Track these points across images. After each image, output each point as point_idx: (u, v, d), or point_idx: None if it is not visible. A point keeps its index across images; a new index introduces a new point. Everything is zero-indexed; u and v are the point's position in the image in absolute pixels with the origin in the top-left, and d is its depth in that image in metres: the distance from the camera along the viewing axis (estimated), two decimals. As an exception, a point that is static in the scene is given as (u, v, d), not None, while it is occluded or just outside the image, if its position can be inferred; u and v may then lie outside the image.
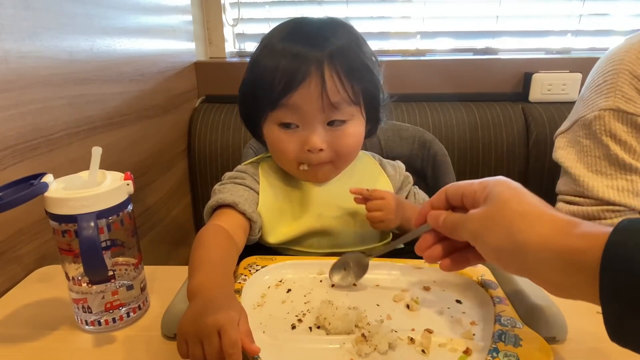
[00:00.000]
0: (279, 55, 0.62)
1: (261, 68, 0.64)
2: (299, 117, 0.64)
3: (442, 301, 0.54)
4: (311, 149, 0.64)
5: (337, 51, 0.62)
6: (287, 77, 0.61)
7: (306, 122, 0.64)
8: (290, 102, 0.62)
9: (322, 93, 0.61)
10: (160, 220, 1.11)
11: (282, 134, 0.65)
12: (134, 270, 0.54)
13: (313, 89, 0.61)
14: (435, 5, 1.45)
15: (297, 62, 0.61)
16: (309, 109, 0.62)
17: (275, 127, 0.66)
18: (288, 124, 0.65)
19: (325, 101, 0.62)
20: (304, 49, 0.61)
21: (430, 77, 1.34)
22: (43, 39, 0.70)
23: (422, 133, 0.96)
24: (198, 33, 1.42)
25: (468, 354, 0.45)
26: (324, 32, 0.65)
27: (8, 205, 0.45)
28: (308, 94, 0.61)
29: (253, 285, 0.56)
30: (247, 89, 0.69)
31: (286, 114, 0.64)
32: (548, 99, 1.30)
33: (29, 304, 0.59)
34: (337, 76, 0.62)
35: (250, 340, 0.41)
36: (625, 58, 0.86)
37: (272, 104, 0.63)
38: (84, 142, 0.80)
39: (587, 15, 1.44)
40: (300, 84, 0.61)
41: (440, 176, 0.90)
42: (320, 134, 0.64)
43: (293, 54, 0.62)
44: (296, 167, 0.68)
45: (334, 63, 0.62)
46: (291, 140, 0.65)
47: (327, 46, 0.62)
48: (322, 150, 0.65)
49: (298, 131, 0.65)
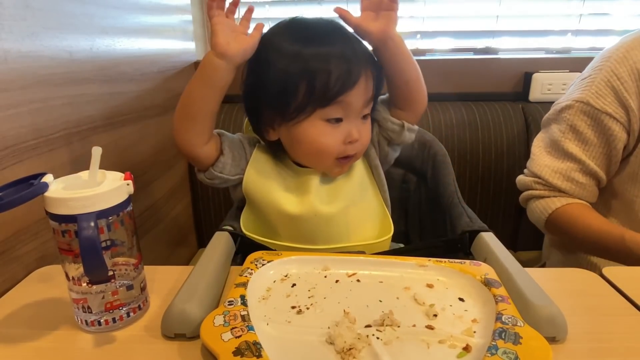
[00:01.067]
0: (324, 57, 0.66)
1: (305, 70, 0.66)
2: (346, 112, 0.69)
3: (444, 298, 0.55)
4: (352, 140, 0.70)
5: (365, 48, 0.70)
6: (345, 77, 0.66)
7: (350, 117, 0.70)
8: (346, 100, 0.67)
9: (369, 90, 0.69)
10: (160, 220, 1.11)
11: (328, 128, 0.69)
12: (134, 270, 0.54)
13: (363, 87, 0.68)
14: (435, 5, 1.45)
15: (349, 64, 0.66)
16: (356, 105, 0.69)
17: (321, 123, 0.69)
18: (337, 119, 0.69)
19: (369, 96, 0.70)
20: (347, 48, 0.67)
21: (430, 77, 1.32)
22: (43, 39, 0.70)
23: (422, 133, 0.96)
24: (198, 33, 1.42)
25: (467, 351, 0.45)
26: (340, 30, 0.70)
27: (8, 205, 0.45)
28: (359, 92, 0.68)
29: (259, 279, 0.58)
30: (284, 84, 0.67)
31: (336, 110, 0.68)
32: (548, 98, 1.30)
33: (29, 304, 0.59)
34: (371, 75, 0.69)
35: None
36: (613, 56, 0.90)
37: (326, 101, 0.67)
38: (84, 142, 0.80)
39: (587, 15, 1.44)
40: (356, 82, 0.67)
41: (440, 176, 0.90)
42: (357, 126, 0.71)
43: (338, 54, 0.66)
44: (333, 159, 0.72)
45: (368, 63, 0.69)
46: (335, 134, 0.70)
47: (357, 44, 0.69)
48: (357, 141, 0.71)
49: (341, 125, 0.70)
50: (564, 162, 0.94)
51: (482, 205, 1.32)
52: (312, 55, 0.66)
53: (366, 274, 0.61)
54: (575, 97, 0.93)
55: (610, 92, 0.89)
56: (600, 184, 0.95)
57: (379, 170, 0.79)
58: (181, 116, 0.70)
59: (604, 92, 0.89)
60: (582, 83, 0.94)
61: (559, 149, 0.95)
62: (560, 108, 0.96)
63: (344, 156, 0.72)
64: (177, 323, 0.50)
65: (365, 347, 0.46)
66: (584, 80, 0.95)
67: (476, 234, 0.69)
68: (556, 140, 0.96)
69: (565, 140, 0.94)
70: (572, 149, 0.93)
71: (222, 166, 0.73)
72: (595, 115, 0.90)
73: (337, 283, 0.59)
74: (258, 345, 0.43)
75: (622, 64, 0.88)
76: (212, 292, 0.55)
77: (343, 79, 0.66)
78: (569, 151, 0.93)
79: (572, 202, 0.94)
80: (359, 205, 0.76)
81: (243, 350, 0.43)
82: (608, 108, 0.89)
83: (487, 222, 0.72)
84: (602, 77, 0.90)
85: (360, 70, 0.67)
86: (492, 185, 1.30)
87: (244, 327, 0.46)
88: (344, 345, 0.45)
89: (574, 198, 0.95)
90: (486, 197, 1.30)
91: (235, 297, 0.51)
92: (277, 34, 0.71)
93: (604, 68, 0.91)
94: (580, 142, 0.93)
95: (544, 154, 0.98)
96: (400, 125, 0.76)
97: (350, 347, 0.45)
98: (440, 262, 0.60)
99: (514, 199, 1.31)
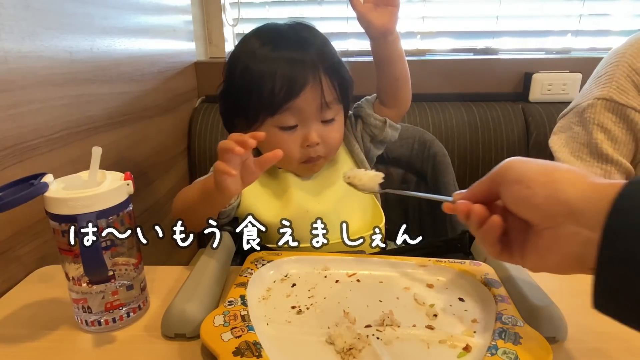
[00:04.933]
0: (272, 61, 0.67)
1: (255, 75, 0.67)
2: (299, 118, 0.69)
3: (445, 299, 0.55)
4: (310, 144, 0.70)
5: (322, 53, 0.69)
6: (289, 83, 0.65)
7: (305, 122, 0.69)
8: (293, 106, 0.67)
9: (320, 95, 0.67)
10: (160, 220, 1.11)
11: (283, 135, 0.70)
12: (134, 270, 0.54)
13: (313, 92, 0.67)
14: (435, 5, 1.45)
15: (295, 68, 0.66)
16: (309, 110, 0.68)
17: (275, 130, 0.69)
18: (291, 127, 0.69)
19: (322, 102, 0.68)
20: (297, 54, 0.67)
21: (430, 77, 1.34)
22: (43, 39, 0.70)
23: (422, 133, 0.96)
24: (198, 33, 1.42)
25: (468, 351, 0.45)
26: (304, 35, 0.70)
27: (8, 205, 0.45)
28: (308, 98, 0.67)
29: (259, 279, 0.58)
30: (238, 94, 0.71)
31: (288, 118, 0.68)
32: (548, 99, 1.30)
33: (29, 304, 0.59)
34: (328, 79, 0.68)
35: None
36: (627, 51, 0.89)
37: (273, 109, 0.67)
38: (84, 142, 0.80)
39: (587, 15, 1.44)
40: (302, 89, 0.66)
41: (440, 176, 0.90)
42: (317, 130, 0.70)
43: (287, 59, 0.66)
44: (296, 164, 0.73)
45: (324, 67, 0.68)
46: (292, 140, 0.70)
47: (314, 49, 0.68)
48: (318, 144, 0.70)
49: (297, 130, 0.70)
50: (600, 165, 0.89)
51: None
52: (273, 59, 0.67)
53: (366, 274, 0.61)
54: (597, 95, 0.89)
55: (631, 86, 0.87)
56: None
57: (365, 165, 0.80)
58: (180, 217, 0.68)
59: (626, 87, 0.87)
60: (600, 81, 0.91)
61: (591, 151, 0.90)
62: (581, 109, 0.92)
63: (307, 159, 0.72)
64: (177, 323, 0.50)
65: (365, 347, 0.46)
66: (600, 78, 0.92)
67: (476, 234, 0.69)
68: (585, 143, 0.91)
69: (595, 141, 0.89)
70: (606, 149, 0.88)
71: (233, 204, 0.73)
72: (621, 111, 0.87)
73: (337, 283, 0.59)
74: (258, 345, 0.43)
75: (639, 58, 0.87)
76: (212, 292, 0.55)
77: (288, 85, 0.65)
78: (603, 153, 0.88)
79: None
80: (349, 199, 0.76)
81: (243, 350, 0.43)
82: (633, 102, 0.86)
83: (487, 222, 0.72)
84: (621, 72, 0.88)
85: (307, 76, 0.66)
86: (492, 186, 1.29)
87: (244, 327, 0.46)
88: (344, 345, 0.45)
89: None
90: (486, 197, 1.30)
91: (235, 297, 0.51)
92: (245, 40, 0.73)
93: (620, 64, 0.89)
94: (611, 141, 0.88)
95: (573, 159, 0.92)
96: (382, 122, 0.78)
97: (350, 347, 0.45)
98: (440, 262, 0.60)
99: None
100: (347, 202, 0.76)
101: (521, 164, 0.41)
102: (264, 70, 0.66)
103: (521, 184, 0.39)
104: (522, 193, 0.39)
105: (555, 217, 0.37)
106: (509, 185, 0.40)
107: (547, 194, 0.37)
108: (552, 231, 0.38)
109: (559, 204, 0.37)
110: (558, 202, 0.37)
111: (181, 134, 1.29)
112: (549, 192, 0.37)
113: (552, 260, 0.39)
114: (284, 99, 0.66)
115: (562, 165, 0.39)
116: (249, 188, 0.74)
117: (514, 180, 0.40)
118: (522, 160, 0.41)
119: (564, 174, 0.38)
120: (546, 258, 0.39)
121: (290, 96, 0.66)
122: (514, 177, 0.40)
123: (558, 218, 0.37)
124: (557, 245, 0.38)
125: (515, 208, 0.41)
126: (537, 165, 0.39)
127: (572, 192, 0.36)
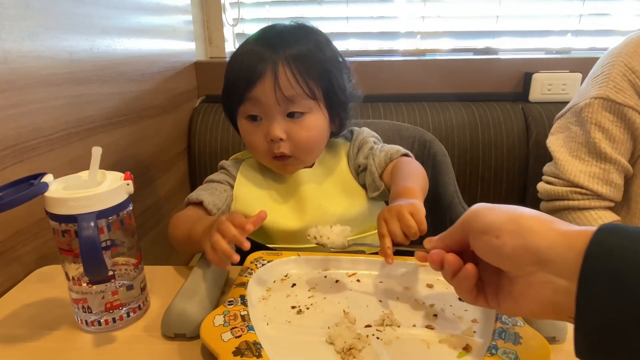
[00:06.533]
0: (243, 55, 0.71)
1: (230, 67, 0.73)
2: (261, 110, 0.70)
3: (444, 299, 0.55)
4: (273, 138, 0.70)
5: (293, 53, 0.69)
6: (248, 73, 0.69)
7: (267, 114, 0.71)
8: (251, 96, 0.69)
9: (274, 87, 0.68)
10: (160, 220, 1.11)
11: (249, 126, 0.72)
12: (134, 270, 0.54)
13: (268, 83, 0.68)
14: (435, 5, 1.45)
15: (255, 61, 0.69)
16: (266, 101, 0.69)
17: (244, 121, 0.73)
18: (254, 117, 0.71)
19: (279, 94, 0.68)
20: (263, 50, 0.70)
21: (430, 77, 1.34)
22: (43, 39, 0.70)
23: (422, 133, 0.96)
24: (198, 33, 1.42)
25: (468, 351, 0.45)
26: (285, 36, 0.72)
27: (8, 205, 0.45)
28: (264, 88, 0.68)
29: (259, 279, 0.58)
30: (224, 88, 0.75)
31: (250, 107, 0.71)
32: (548, 98, 1.30)
33: (29, 304, 0.59)
34: (290, 73, 0.69)
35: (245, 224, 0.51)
36: (623, 51, 0.89)
37: (239, 98, 0.71)
38: (84, 142, 0.80)
39: (587, 15, 1.44)
40: (258, 79, 0.68)
41: (440, 176, 0.90)
42: (280, 124, 0.70)
43: (254, 53, 0.70)
44: (267, 159, 0.74)
45: (288, 62, 0.69)
46: (257, 132, 0.72)
47: (285, 48, 0.69)
48: (282, 140, 0.70)
49: (262, 123, 0.72)
50: (599, 164, 0.90)
51: (482, 205, 1.32)
52: (245, 53, 0.71)
53: (366, 274, 0.61)
54: (594, 94, 0.90)
55: (628, 85, 0.87)
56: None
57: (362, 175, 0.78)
58: (178, 247, 0.70)
59: (622, 86, 0.88)
60: (596, 81, 0.92)
61: (589, 151, 0.91)
62: (579, 109, 0.92)
63: (276, 155, 0.72)
64: (177, 323, 0.50)
65: (365, 347, 0.46)
66: (596, 78, 0.92)
67: (476, 234, 0.69)
68: (584, 142, 0.91)
69: (594, 140, 0.90)
70: (604, 148, 0.89)
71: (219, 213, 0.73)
72: (618, 110, 0.88)
73: (337, 283, 0.59)
74: (258, 345, 0.43)
75: (634, 57, 0.87)
76: (212, 292, 0.55)
77: (247, 75, 0.69)
78: (601, 152, 0.89)
79: (614, 219, 0.91)
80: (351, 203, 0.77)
81: (243, 350, 0.43)
82: (629, 101, 0.87)
83: (487, 222, 0.72)
84: (617, 71, 0.88)
85: (266, 66, 0.68)
86: (492, 185, 1.30)
87: (244, 327, 0.46)
88: (344, 345, 0.45)
89: (611, 202, 0.92)
90: (486, 197, 1.30)
91: (235, 297, 0.51)
92: (249, 37, 0.75)
93: (616, 63, 0.89)
94: (609, 140, 0.89)
95: (572, 158, 0.93)
96: (378, 189, 0.74)
97: (350, 347, 0.45)
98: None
99: (514, 198, 1.31)
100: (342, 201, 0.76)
101: (487, 211, 0.40)
102: (236, 62, 0.72)
103: (489, 234, 0.38)
104: (490, 243, 0.38)
105: (526, 265, 0.37)
106: (478, 235, 0.40)
107: (515, 244, 0.37)
108: (524, 279, 0.38)
109: (529, 253, 0.36)
110: (527, 252, 0.36)
111: (181, 133, 1.29)
112: (518, 241, 0.37)
113: (527, 306, 0.38)
114: (244, 88, 0.69)
115: (528, 211, 0.38)
116: (242, 195, 0.76)
117: (482, 230, 0.39)
118: (488, 207, 0.40)
119: (531, 221, 0.37)
120: (521, 303, 0.38)
121: (248, 86, 0.69)
122: (481, 227, 0.39)
123: (529, 267, 0.37)
124: (531, 292, 0.37)
125: (485, 257, 0.40)
126: (503, 212, 0.39)
127: (541, 241, 0.36)
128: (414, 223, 0.52)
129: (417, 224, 0.53)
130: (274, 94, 0.68)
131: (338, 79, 0.74)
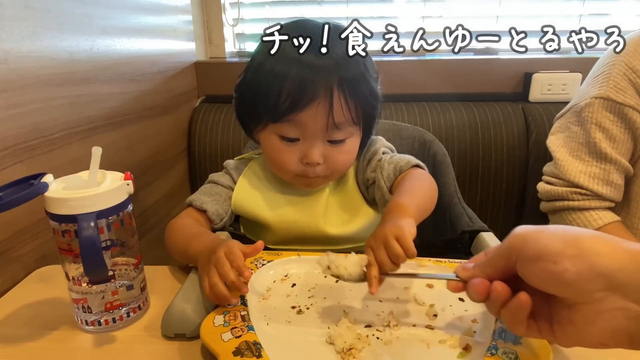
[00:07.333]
0: (288, 63, 0.61)
1: (266, 73, 0.63)
2: (302, 132, 0.64)
3: (444, 299, 0.55)
4: (310, 162, 0.65)
5: (349, 77, 0.62)
6: (296, 94, 0.60)
7: (308, 137, 0.65)
8: (297, 119, 0.62)
9: (329, 115, 0.62)
10: (160, 220, 1.11)
11: (282, 145, 0.66)
12: (134, 270, 0.54)
13: (321, 109, 0.61)
14: (435, 5, 1.45)
15: (307, 76, 0.60)
16: (314, 127, 0.63)
17: (275, 138, 0.66)
18: (292, 139, 0.65)
19: (330, 122, 0.62)
20: (314, 63, 0.60)
21: (430, 77, 1.34)
22: (43, 39, 0.70)
23: (422, 133, 0.96)
24: (198, 33, 1.42)
25: (468, 351, 0.45)
26: (336, 50, 0.62)
27: (8, 205, 0.45)
28: (315, 114, 0.61)
29: (259, 279, 0.58)
30: (248, 90, 0.68)
31: (290, 129, 0.64)
32: (548, 99, 1.30)
33: (29, 304, 0.59)
34: (344, 99, 0.62)
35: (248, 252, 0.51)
36: (623, 50, 0.88)
37: (276, 117, 0.63)
38: (84, 142, 0.80)
39: (587, 15, 1.44)
40: (309, 104, 0.61)
41: (440, 176, 0.90)
42: (319, 149, 0.65)
43: (304, 66, 0.60)
44: (292, 176, 0.69)
45: (342, 86, 0.61)
46: (291, 152, 0.66)
47: (340, 69, 0.61)
48: (319, 164, 0.66)
49: (298, 144, 0.65)
50: (599, 164, 0.90)
51: (482, 205, 1.32)
52: (290, 61, 0.61)
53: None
54: (594, 94, 0.90)
55: (629, 85, 0.87)
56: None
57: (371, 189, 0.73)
58: (174, 256, 0.67)
59: (623, 85, 0.87)
60: (596, 80, 0.92)
61: (590, 151, 0.90)
62: (579, 109, 0.92)
63: (304, 175, 0.67)
64: (177, 323, 0.50)
65: (365, 347, 0.46)
66: (597, 77, 0.92)
67: (476, 234, 0.69)
68: (584, 142, 0.91)
69: (594, 140, 0.89)
70: (604, 148, 0.88)
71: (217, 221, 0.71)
72: (618, 110, 0.88)
73: (337, 283, 0.58)
74: (258, 345, 0.43)
75: (635, 57, 0.87)
76: (212, 292, 0.55)
77: (294, 97, 0.60)
78: (602, 152, 0.89)
79: (614, 220, 0.91)
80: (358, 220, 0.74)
81: (243, 350, 0.43)
82: (630, 100, 0.86)
83: (487, 222, 0.72)
84: (618, 71, 0.88)
85: (318, 90, 0.60)
86: (492, 185, 1.30)
87: (244, 327, 0.46)
88: (344, 345, 0.45)
89: (612, 202, 0.92)
90: (486, 197, 1.30)
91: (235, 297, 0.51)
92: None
93: (616, 63, 0.89)
94: (610, 140, 0.89)
95: (572, 159, 0.93)
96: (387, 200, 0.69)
97: (350, 347, 0.45)
98: (440, 262, 0.60)
99: (514, 198, 1.31)
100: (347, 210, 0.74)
101: (537, 235, 0.36)
102: (275, 69, 0.62)
103: (545, 260, 0.34)
104: (548, 270, 0.34)
105: (594, 291, 0.33)
106: (530, 262, 0.36)
107: (580, 269, 0.33)
108: (591, 306, 0.34)
109: (598, 278, 0.33)
110: (597, 277, 0.33)
111: (181, 134, 1.29)
112: (582, 266, 0.33)
113: (595, 336, 0.34)
114: (288, 109, 0.61)
115: (585, 232, 0.35)
116: (245, 192, 0.74)
117: (535, 257, 0.35)
118: (536, 230, 0.36)
119: (594, 243, 0.34)
120: (585, 333, 0.35)
121: (294, 108, 0.61)
122: (534, 253, 0.35)
123: (597, 293, 0.33)
124: (600, 320, 0.34)
125: (540, 285, 0.36)
126: (556, 234, 0.35)
127: (611, 264, 0.32)
128: (401, 251, 0.48)
129: (404, 250, 0.48)
130: (326, 122, 0.62)
131: (378, 98, 0.69)
